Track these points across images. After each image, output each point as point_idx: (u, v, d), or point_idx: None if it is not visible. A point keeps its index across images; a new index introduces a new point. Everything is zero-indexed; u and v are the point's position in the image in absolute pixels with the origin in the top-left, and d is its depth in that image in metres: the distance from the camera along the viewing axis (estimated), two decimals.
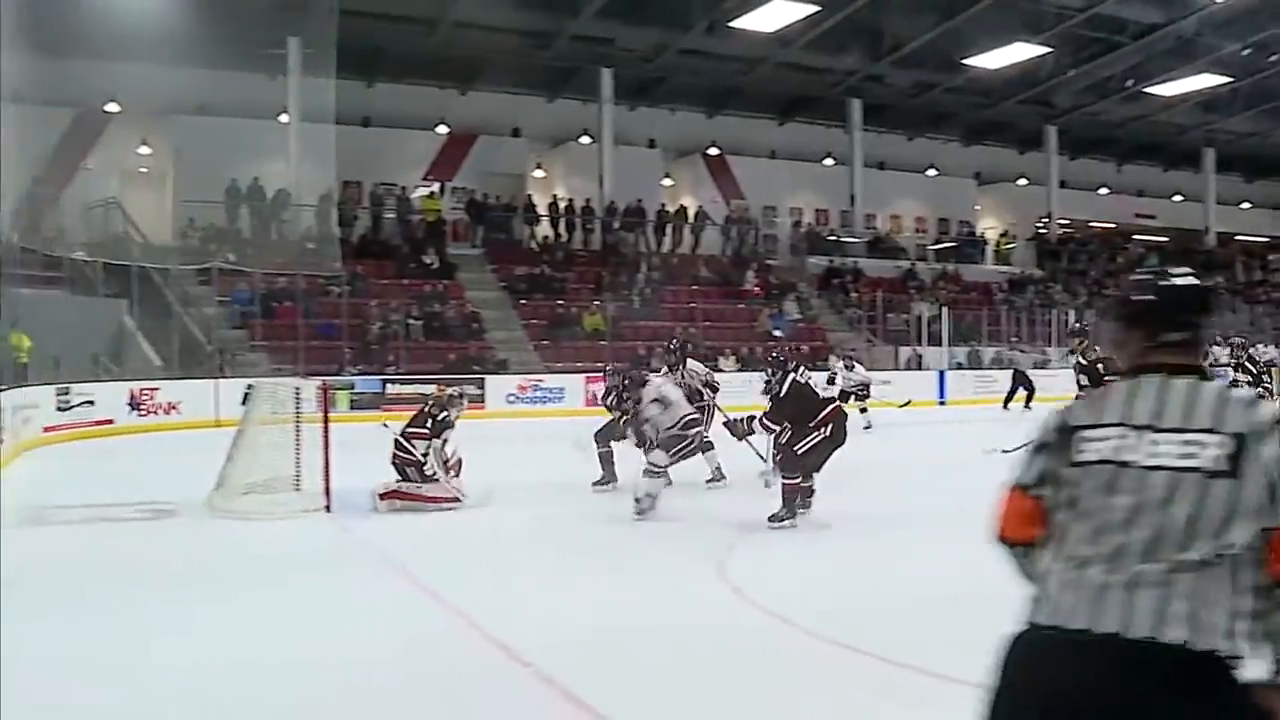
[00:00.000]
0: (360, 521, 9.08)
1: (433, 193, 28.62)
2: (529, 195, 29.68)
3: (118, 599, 6.54)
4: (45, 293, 18.59)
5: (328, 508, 9.51)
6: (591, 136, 29.95)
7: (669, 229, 30.20)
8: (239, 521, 9.33)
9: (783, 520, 8.61)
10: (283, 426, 10.42)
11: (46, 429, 15.40)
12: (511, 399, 21.17)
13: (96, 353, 19.73)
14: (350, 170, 25.86)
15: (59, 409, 16.02)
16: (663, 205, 30.53)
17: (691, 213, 30.71)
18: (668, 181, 32.10)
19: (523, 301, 26.36)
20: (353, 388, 20.26)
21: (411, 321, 23.95)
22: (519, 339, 25.29)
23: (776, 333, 26.86)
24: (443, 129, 28.98)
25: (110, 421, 16.94)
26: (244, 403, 10.77)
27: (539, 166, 30.97)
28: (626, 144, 30.11)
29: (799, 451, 8.65)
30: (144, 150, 26.13)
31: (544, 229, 29.38)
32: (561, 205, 29.60)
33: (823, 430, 8.63)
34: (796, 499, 8.67)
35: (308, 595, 6.75)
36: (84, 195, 23.12)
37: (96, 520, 9.44)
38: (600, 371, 13.27)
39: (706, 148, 32.04)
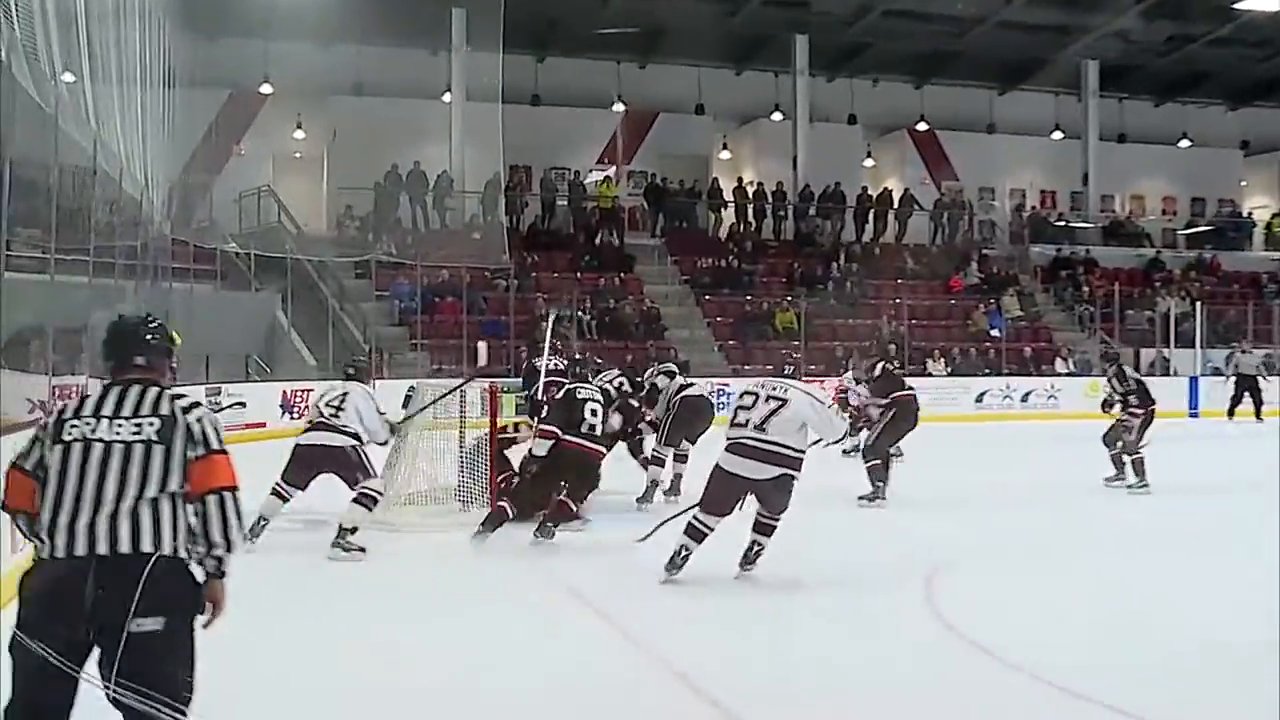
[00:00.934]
0: (526, 534, 9.18)
1: (608, 177, 28.86)
2: (714, 179, 29.74)
3: (275, 616, 6.57)
4: (195, 286, 19.21)
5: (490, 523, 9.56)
6: (783, 113, 29.85)
7: (871, 215, 29.92)
8: (399, 534, 9.50)
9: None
10: (445, 432, 10.59)
11: None
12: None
13: (248, 351, 20.47)
14: (518, 153, 26.27)
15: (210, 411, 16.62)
16: (864, 189, 30.22)
17: (896, 197, 30.37)
18: (869, 162, 31.91)
19: (707, 297, 26.45)
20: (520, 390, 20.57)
21: (584, 317, 24.23)
22: (703, 339, 25.36)
23: (994, 332, 26.39)
24: (619, 107, 29.24)
25: (263, 425, 17.42)
26: (404, 406, 10.93)
27: (725, 147, 31.06)
28: (823, 120, 29.93)
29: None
30: (299, 134, 27.05)
31: (730, 216, 29.43)
32: (750, 190, 29.61)
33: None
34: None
35: (475, 617, 6.90)
36: (236, 183, 24.14)
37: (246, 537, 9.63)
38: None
39: (914, 122, 31.55)
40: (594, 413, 9.41)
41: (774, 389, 7.82)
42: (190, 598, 3.62)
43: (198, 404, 3.82)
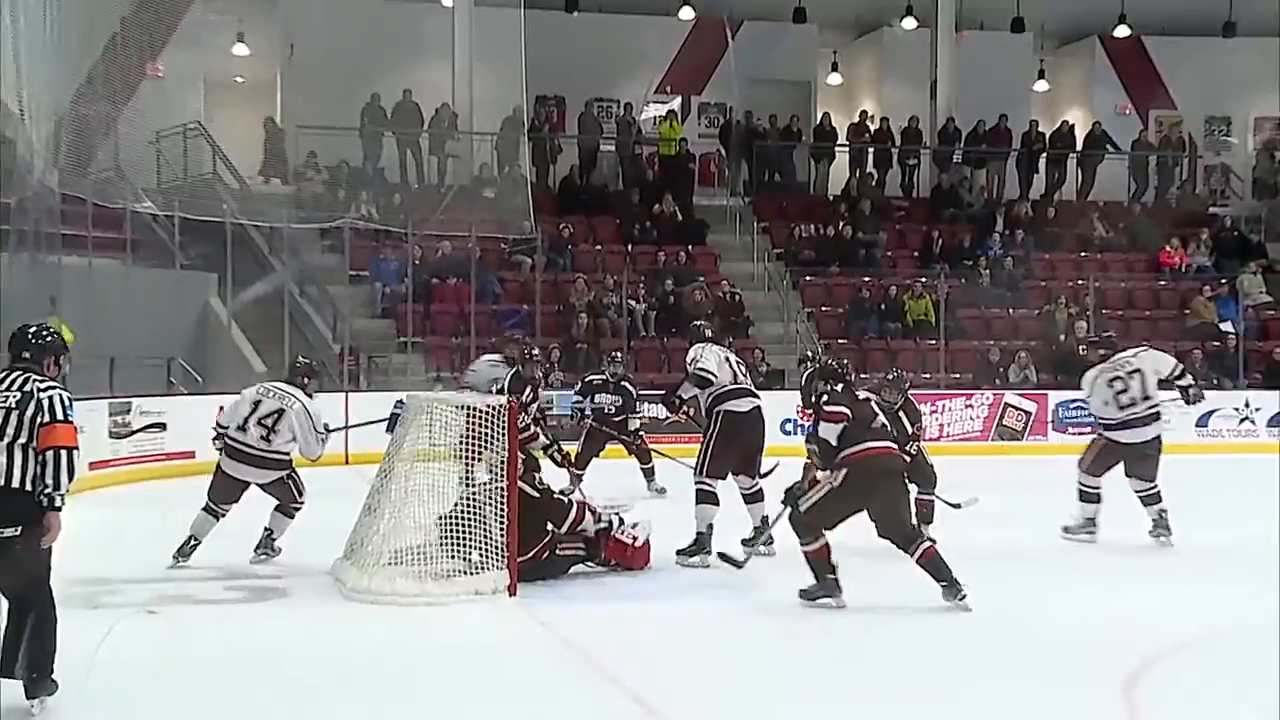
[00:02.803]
0: (558, 609, 9.51)
1: (671, 113, 28.93)
2: (822, 114, 29.61)
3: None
4: (95, 261, 19.11)
5: (512, 589, 9.85)
6: (918, 18, 29.75)
7: (1043, 162, 29.77)
8: (383, 608, 9.62)
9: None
10: (446, 464, 10.78)
11: (94, 464, 15.64)
12: (789, 428, 20.65)
13: (170, 353, 20.22)
14: (548, 79, 26.48)
15: (114, 434, 16.29)
16: (1032, 124, 30.00)
17: (1080, 134, 30.04)
18: (1042, 86, 31.81)
19: (809, 279, 26.26)
20: (550, 407, 20.09)
21: (637, 308, 23.88)
22: (802, 335, 25.04)
23: (1226, 326, 25.89)
24: (687, 14, 29.10)
25: (190, 455, 17.11)
26: (389, 428, 11.31)
27: (835, 69, 31.17)
28: (975, 27, 29.81)
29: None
30: (240, 50, 26.92)
31: (842, 167, 29.35)
32: (871, 128, 29.50)
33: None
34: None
35: None
36: (153, 117, 23.45)
37: (175, 602, 9.82)
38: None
39: (1110, 26, 30.89)
40: None
41: None
42: (35, 518, 6.72)
43: (54, 386, 6.93)
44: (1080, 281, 26.50)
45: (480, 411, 10.53)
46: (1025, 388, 23.00)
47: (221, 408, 17.90)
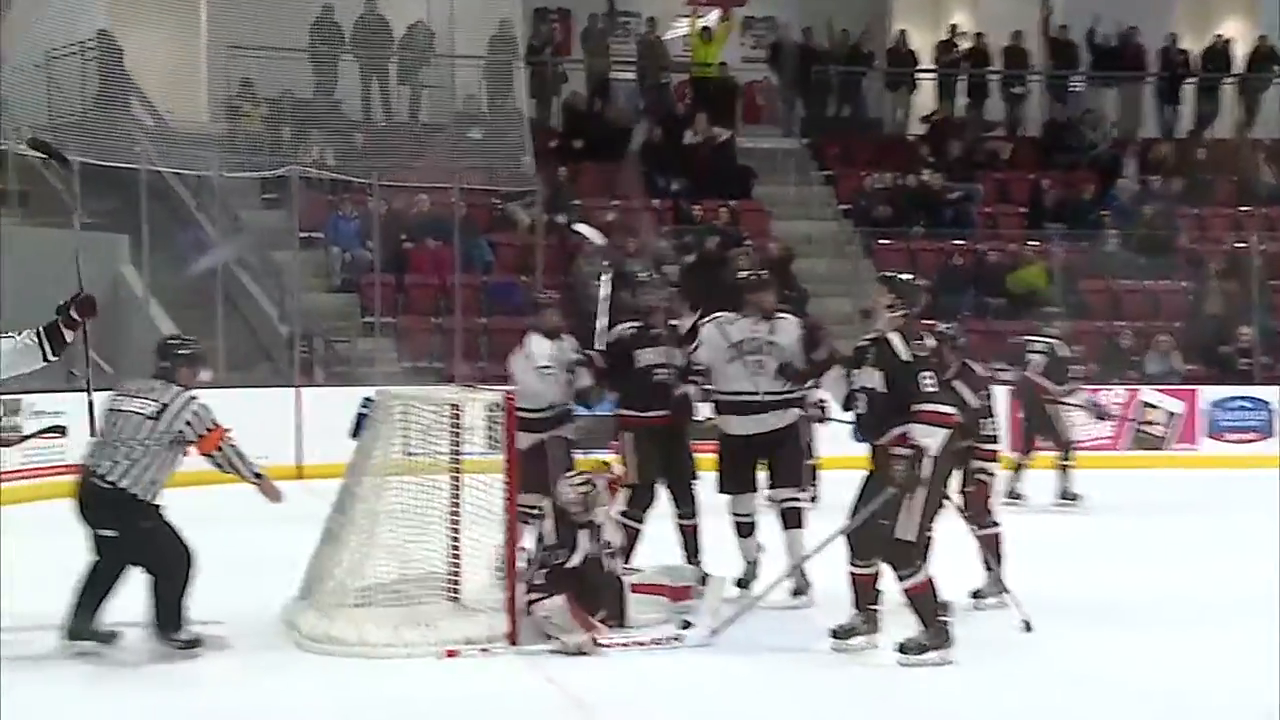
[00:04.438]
0: (568, 660, 9.62)
1: (706, 29, 29.04)
2: (897, 31, 29.89)
3: None
4: None
5: (512, 637, 9.86)
6: None
7: (1184, 89, 29.73)
8: (349, 661, 9.67)
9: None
10: (427, 479, 10.82)
11: None
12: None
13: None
14: None
15: (0, 440, 16.34)
16: (1170, 39, 30.07)
17: (1241, 51, 30.07)
18: None
19: (882, 241, 26.37)
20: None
21: (669, 273, 23.90)
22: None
23: None
24: None
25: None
26: (355, 433, 11.40)
27: None
28: None
29: None
30: None
31: (925, 96, 29.71)
32: (962, 46, 29.65)
33: None
34: None
35: None
36: (40, 36, 23.64)
37: (80, 657, 9.77)
38: None
39: None
40: None
41: None
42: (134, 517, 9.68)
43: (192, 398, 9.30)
44: (1239, 244, 26.39)
45: (457, 410, 10.72)
46: (1168, 381, 22.76)
47: None
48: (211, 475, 10.25)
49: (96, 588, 9.77)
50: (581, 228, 17.00)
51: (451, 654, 9.62)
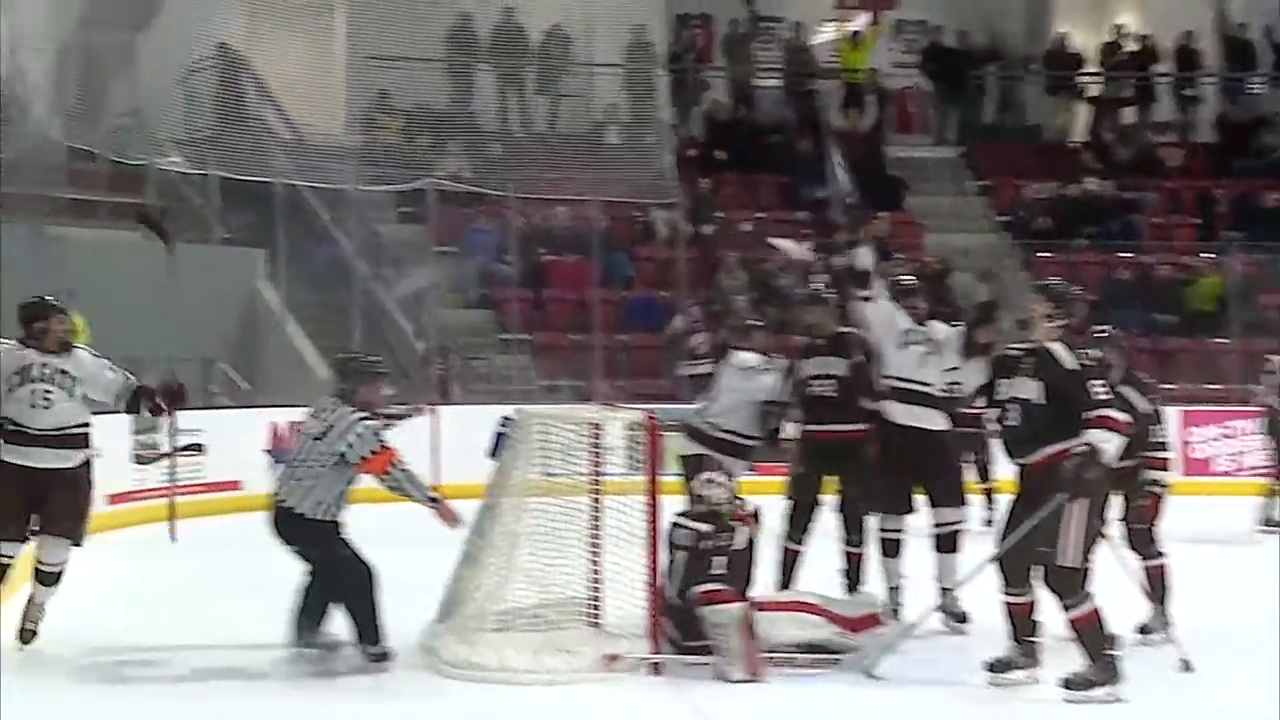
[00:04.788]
0: (718, 690, 9.46)
1: (856, 33, 29.12)
2: (1057, 36, 29.68)
3: None
4: (111, 234, 19.33)
5: (656, 665, 9.86)
6: None
7: None
8: (490, 686, 9.67)
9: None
10: (566, 500, 10.89)
11: (114, 498, 15.89)
12: None
13: (210, 352, 20.47)
14: None
15: (137, 458, 16.74)
16: None
17: None
18: None
19: (1044, 255, 26.23)
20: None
21: (815, 289, 23.98)
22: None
23: None
24: None
25: (235, 485, 17.63)
26: (493, 452, 11.20)
27: None
28: None
29: None
30: None
31: (1090, 104, 29.33)
32: (1127, 47, 29.42)
33: None
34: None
35: None
36: (178, 48, 23.76)
37: (220, 677, 9.98)
38: None
39: None
40: None
41: None
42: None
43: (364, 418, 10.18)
44: None
45: (598, 430, 10.77)
46: None
47: (275, 424, 18.45)
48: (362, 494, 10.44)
49: (309, 599, 10.20)
50: (779, 242, 16.97)
51: (610, 660, 9.79)
